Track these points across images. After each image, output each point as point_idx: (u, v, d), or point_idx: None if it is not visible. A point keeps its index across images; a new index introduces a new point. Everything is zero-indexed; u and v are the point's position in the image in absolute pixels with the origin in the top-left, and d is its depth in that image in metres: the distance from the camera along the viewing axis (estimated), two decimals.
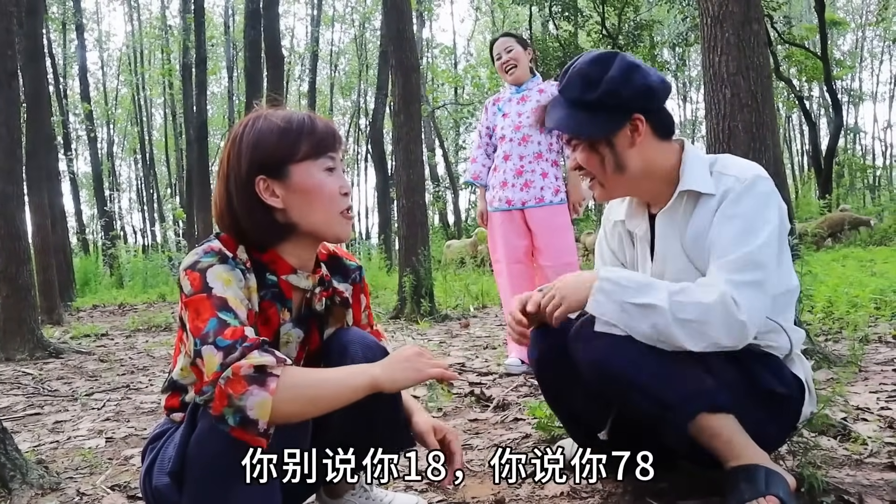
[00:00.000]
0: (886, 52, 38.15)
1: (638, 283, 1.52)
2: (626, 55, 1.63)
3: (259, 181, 1.37)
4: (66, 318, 8.40)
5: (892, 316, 4.44)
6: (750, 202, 1.55)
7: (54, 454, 2.58)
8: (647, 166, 1.65)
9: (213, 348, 1.21)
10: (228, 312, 1.27)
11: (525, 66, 3.85)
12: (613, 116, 1.60)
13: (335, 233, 1.43)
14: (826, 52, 18.31)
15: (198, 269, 1.31)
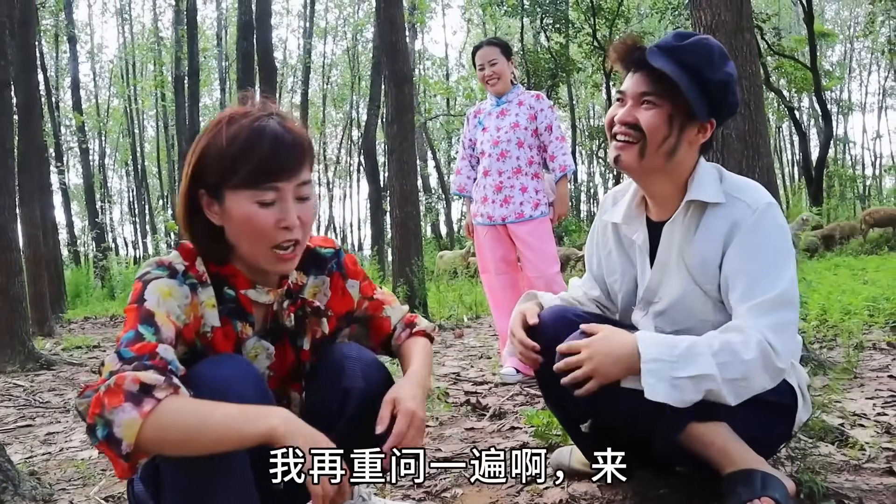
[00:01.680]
0: (874, 63, 38.50)
1: (681, 354, 1.47)
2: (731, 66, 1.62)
3: (201, 195, 1.32)
4: (58, 329, 8.35)
5: (886, 323, 4.45)
6: (769, 235, 1.55)
7: (47, 466, 2.56)
8: (683, 167, 1.64)
9: (116, 357, 1.15)
10: (149, 327, 1.20)
11: (507, 78, 3.81)
12: (708, 107, 1.57)
13: (262, 266, 1.35)
14: (815, 63, 18.46)
15: (143, 279, 1.28)
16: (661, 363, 1.46)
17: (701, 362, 1.45)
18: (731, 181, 1.64)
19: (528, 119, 3.73)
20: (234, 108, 1.34)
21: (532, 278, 3.71)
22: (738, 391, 1.48)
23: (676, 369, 1.45)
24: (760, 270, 1.52)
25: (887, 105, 39.13)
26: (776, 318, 1.48)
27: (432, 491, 2.01)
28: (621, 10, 19.28)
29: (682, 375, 1.45)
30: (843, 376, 3.06)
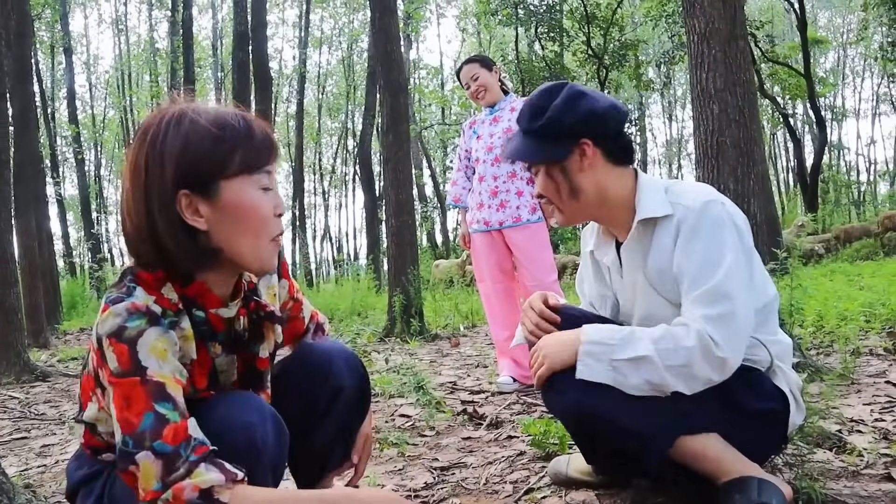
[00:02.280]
0: (867, 69, 38.73)
1: (622, 338, 1.53)
2: (576, 85, 1.67)
3: (182, 197, 1.14)
4: (53, 341, 8.32)
5: (882, 329, 4.46)
6: (704, 231, 1.55)
7: (42, 478, 2.54)
8: (601, 192, 1.66)
9: (152, 456, 1.04)
10: (166, 403, 1.08)
11: (495, 88, 3.83)
12: (560, 142, 1.63)
13: (261, 263, 1.23)
14: (809, 70, 18.56)
15: (125, 338, 1.09)
16: (602, 346, 1.53)
17: (640, 346, 1.50)
18: (674, 190, 1.66)
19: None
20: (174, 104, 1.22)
21: (529, 287, 3.69)
22: (684, 378, 1.49)
23: (616, 351, 1.51)
24: (697, 265, 1.54)
25: (881, 111, 39.35)
26: (712, 310, 1.49)
27: (430, 501, 2.00)
28: (615, 19, 19.40)
29: (620, 358, 1.51)
30: (840, 382, 3.06)
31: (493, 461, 2.34)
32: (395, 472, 2.34)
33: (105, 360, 1.10)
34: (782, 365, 1.65)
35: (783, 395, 1.63)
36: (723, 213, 1.57)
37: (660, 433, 1.52)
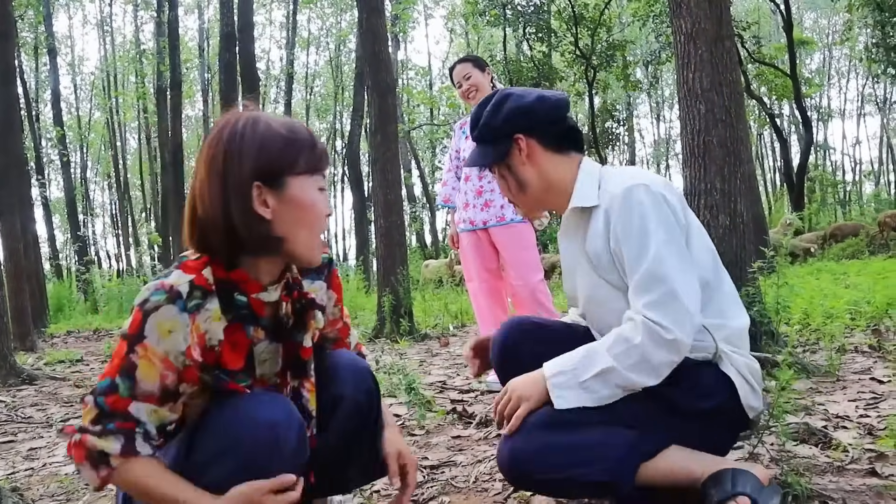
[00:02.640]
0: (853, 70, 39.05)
1: (580, 359, 1.57)
2: (507, 90, 1.80)
3: (255, 188, 1.27)
4: (40, 344, 8.25)
5: (867, 326, 4.50)
6: (627, 217, 1.57)
7: (29, 481, 2.53)
8: (545, 180, 1.75)
9: (93, 403, 1.24)
10: (127, 380, 1.23)
11: (486, 89, 3.83)
12: (498, 144, 1.75)
13: (311, 255, 1.35)
14: (795, 70, 18.69)
15: (144, 307, 1.24)
16: (565, 374, 1.57)
17: (599, 360, 1.54)
18: (606, 178, 1.70)
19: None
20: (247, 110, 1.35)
21: (515, 286, 3.70)
22: (647, 371, 1.52)
23: (580, 375, 1.55)
24: (629, 254, 1.56)
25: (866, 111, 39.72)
26: (651, 296, 1.51)
27: (419, 500, 2.00)
28: (603, 20, 19.45)
29: (586, 378, 1.54)
30: (826, 379, 3.09)
31: (483, 459, 2.35)
32: None
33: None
34: (727, 349, 1.63)
35: (729, 384, 1.62)
36: (644, 195, 1.58)
37: (616, 473, 1.53)
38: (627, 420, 1.56)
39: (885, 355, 3.61)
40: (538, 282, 3.68)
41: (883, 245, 14.08)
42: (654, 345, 1.49)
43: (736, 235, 3.27)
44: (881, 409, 2.53)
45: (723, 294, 1.67)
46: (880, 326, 4.46)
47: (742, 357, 1.65)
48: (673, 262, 1.53)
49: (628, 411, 1.56)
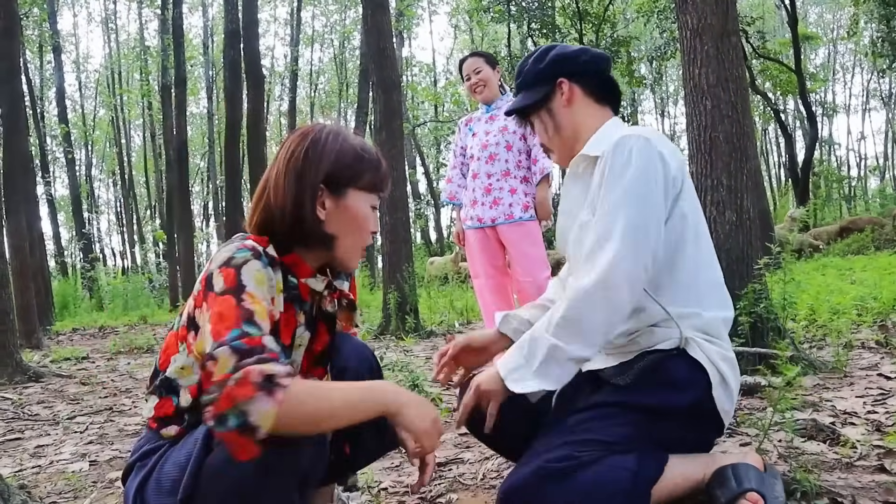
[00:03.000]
0: (858, 65, 38.89)
1: (527, 350, 1.57)
2: (551, 45, 1.87)
3: (321, 189, 1.42)
4: (46, 341, 8.28)
5: (874, 322, 4.48)
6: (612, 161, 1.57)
7: (37, 479, 2.53)
8: (577, 126, 1.78)
9: (229, 350, 1.17)
10: (253, 326, 1.22)
11: (494, 86, 3.89)
12: (539, 87, 1.80)
13: (349, 260, 1.50)
14: (800, 65, 18.60)
15: (232, 264, 1.30)
16: (518, 370, 1.56)
17: (541, 343, 1.54)
18: (620, 132, 1.66)
19: (515, 123, 3.77)
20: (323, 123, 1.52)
21: (522, 283, 3.71)
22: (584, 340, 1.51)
23: (531, 365, 1.55)
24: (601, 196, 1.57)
25: (871, 107, 39.57)
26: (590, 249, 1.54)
27: (427, 497, 2.00)
28: (607, 15, 19.39)
29: (537, 365, 1.54)
30: (833, 375, 3.08)
31: (490, 457, 2.35)
32: (392, 468, 2.34)
33: (212, 288, 1.28)
34: (698, 336, 1.59)
35: (702, 374, 1.56)
36: (635, 144, 1.56)
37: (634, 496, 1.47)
38: (619, 447, 1.50)
39: (893, 351, 3.60)
40: (545, 279, 3.68)
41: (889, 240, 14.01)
42: (586, 311, 1.50)
43: (742, 232, 3.25)
44: (889, 406, 2.52)
45: (705, 282, 1.63)
46: (887, 322, 4.44)
47: (716, 347, 1.60)
48: (629, 214, 1.51)
49: (615, 438, 1.51)
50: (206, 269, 1.34)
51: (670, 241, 1.57)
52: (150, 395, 1.45)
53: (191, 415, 1.40)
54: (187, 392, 1.40)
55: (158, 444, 1.42)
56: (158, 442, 1.43)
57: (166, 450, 1.38)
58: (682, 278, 1.59)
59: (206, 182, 33.89)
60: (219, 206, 28.44)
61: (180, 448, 1.35)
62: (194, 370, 1.38)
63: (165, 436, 1.42)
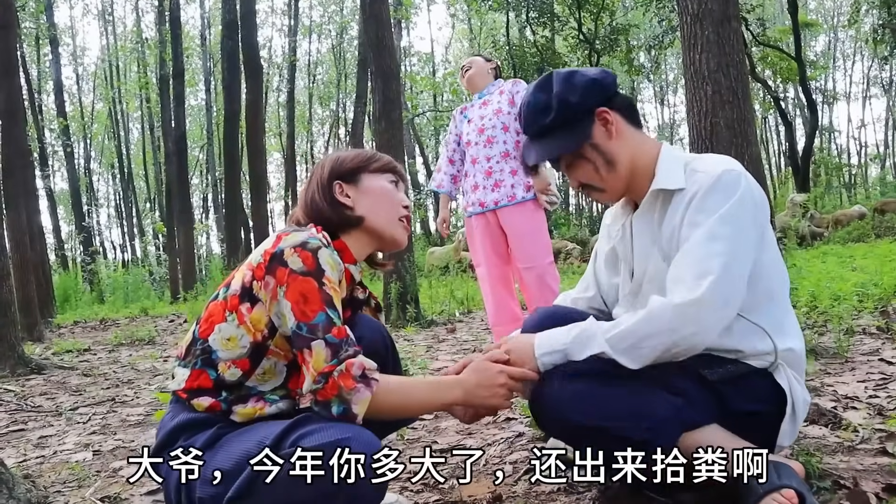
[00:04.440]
0: (858, 52, 38.78)
1: (573, 340, 1.52)
2: (559, 70, 1.67)
3: (337, 185, 1.63)
4: (47, 334, 8.30)
5: (875, 308, 4.49)
6: (712, 194, 1.49)
7: (41, 469, 2.54)
8: (633, 156, 1.64)
9: (324, 343, 1.33)
10: (334, 311, 1.38)
11: (482, 72, 3.94)
12: (579, 123, 1.62)
13: (392, 232, 1.65)
14: (800, 53, 18.55)
15: (308, 248, 1.40)
16: (555, 354, 1.53)
17: (592, 344, 1.49)
18: (696, 161, 1.61)
19: (508, 104, 3.79)
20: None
21: (522, 269, 3.65)
22: (635, 357, 1.46)
23: (570, 355, 1.51)
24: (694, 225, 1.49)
25: (871, 94, 39.47)
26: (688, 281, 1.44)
27: (429, 483, 2.01)
28: (606, 4, 19.34)
29: (577, 360, 1.51)
30: (834, 360, 3.08)
31: (493, 443, 2.35)
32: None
33: (285, 265, 1.38)
34: (789, 369, 1.58)
35: (780, 396, 1.56)
36: (739, 182, 1.50)
37: (660, 431, 1.47)
38: (675, 388, 1.50)
39: (894, 336, 3.61)
40: (548, 264, 3.65)
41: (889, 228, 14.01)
42: (662, 329, 1.43)
43: None
44: (890, 390, 2.52)
45: (787, 313, 1.62)
46: (888, 308, 4.44)
47: (800, 385, 1.60)
48: (729, 257, 1.45)
49: (678, 381, 1.51)
50: (265, 247, 1.44)
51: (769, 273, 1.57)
52: (185, 366, 1.47)
53: (230, 391, 1.43)
54: (230, 365, 1.43)
55: (197, 417, 1.43)
56: (195, 414, 1.43)
57: (215, 433, 1.38)
58: (772, 304, 1.58)
59: (205, 174, 33.87)
60: (218, 197, 28.41)
61: (237, 440, 1.34)
62: (241, 343, 1.43)
63: (198, 406, 1.43)
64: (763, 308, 1.56)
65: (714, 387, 1.54)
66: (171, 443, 1.41)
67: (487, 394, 1.47)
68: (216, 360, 1.43)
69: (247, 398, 1.44)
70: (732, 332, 1.54)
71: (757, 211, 1.52)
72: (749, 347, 1.55)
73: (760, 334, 1.55)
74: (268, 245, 1.44)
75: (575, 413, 1.49)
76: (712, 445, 1.48)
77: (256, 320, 1.42)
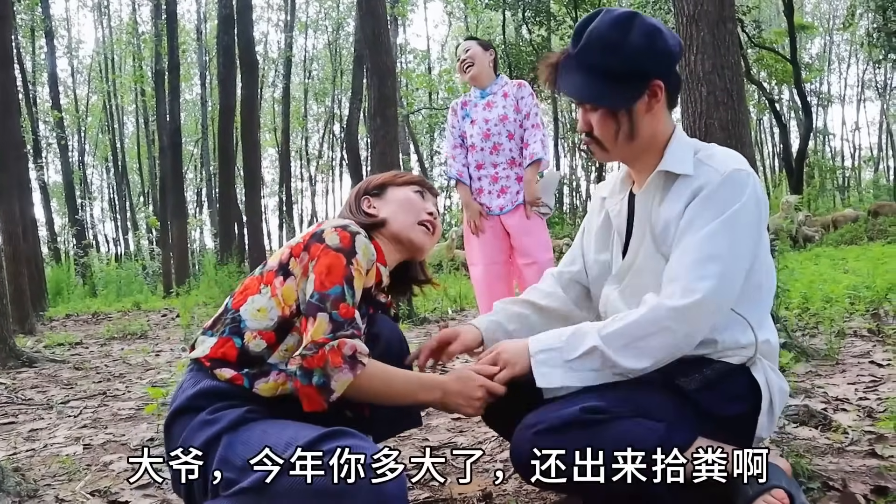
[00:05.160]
0: (853, 55, 38.91)
1: (567, 338, 1.50)
2: (645, 17, 1.53)
3: (365, 199, 1.75)
4: (39, 327, 8.26)
5: (866, 310, 4.51)
6: (723, 194, 1.47)
7: (31, 462, 2.53)
8: (654, 135, 1.58)
9: (328, 317, 1.39)
10: (351, 289, 1.43)
11: (484, 66, 3.84)
12: (635, 84, 1.52)
13: (410, 235, 1.69)
14: (795, 55, 18.62)
15: (349, 230, 1.49)
16: (550, 352, 1.50)
17: (587, 339, 1.47)
18: (707, 151, 1.57)
19: (514, 110, 3.79)
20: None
21: (523, 265, 3.74)
22: (637, 356, 1.45)
23: (565, 354, 1.48)
24: (699, 222, 1.46)
25: (866, 97, 39.61)
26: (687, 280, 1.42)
27: (420, 480, 2.00)
28: (602, 3, 19.32)
29: (572, 357, 1.48)
30: (825, 362, 3.10)
31: (483, 441, 2.36)
32: None
33: (322, 240, 1.46)
34: (765, 360, 1.56)
35: (756, 391, 1.54)
36: (750, 184, 1.48)
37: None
38: (656, 414, 1.48)
39: (885, 339, 3.63)
40: (548, 260, 3.72)
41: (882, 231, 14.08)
42: (657, 330, 1.42)
43: None
44: (880, 392, 2.54)
45: (769, 303, 1.60)
46: (879, 311, 4.47)
47: (776, 376, 1.58)
48: (728, 262, 1.44)
49: (656, 405, 1.49)
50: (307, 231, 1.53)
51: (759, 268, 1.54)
52: (212, 335, 1.51)
53: (251, 366, 1.45)
54: (255, 335, 1.46)
55: (219, 386, 1.43)
56: (217, 382, 1.44)
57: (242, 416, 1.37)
58: (759, 295, 1.56)
59: (200, 168, 33.78)
60: (212, 192, 28.35)
61: (264, 431, 1.32)
62: (269, 315, 1.47)
63: (220, 377, 1.44)
64: (750, 301, 1.54)
65: (691, 396, 1.52)
66: (191, 409, 1.41)
67: (464, 403, 1.51)
68: (244, 329, 1.47)
69: (268, 372, 1.46)
70: (716, 325, 1.51)
71: (760, 214, 1.50)
72: (730, 340, 1.53)
73: (743, 327, 1.53)
74: (310, 229, 1.53)
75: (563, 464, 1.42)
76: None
77: (287, 294, 1.47)
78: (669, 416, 1.49)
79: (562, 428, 1.43)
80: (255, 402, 1.43)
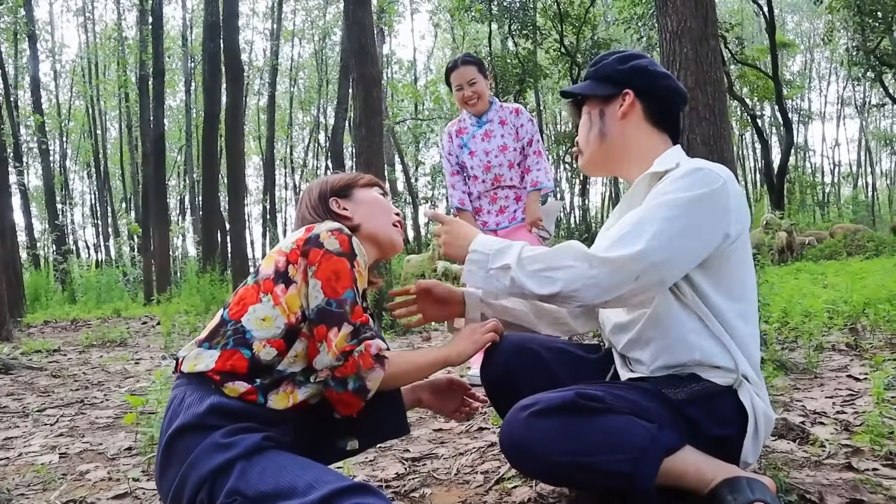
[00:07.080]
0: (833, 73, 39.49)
1: (497, 249, 1.60)
2: (641, 53, 1.80)
3: (333, 200, 1.73)
4: (16, 333, 8.14)
5: (844, 325, 4.56)
6: (678, 181, 1.51)
7: (5, 471, 2.50)
8: (627, 144, 1.72)
9: (348, 323, 1.44)
10: (358, 292, 1.49)
11: (486, 97, 3.77)
12: (605, 85, 1.75)
13: (389, 235, 1.75)
14: (777, 72, 18.86)
15: (344, 233, 1.52)
16: (480, 255, 1.61)
17: (507, 256, 1.57)
18: (698, 161, 1.62)
19: (513, 139, 3.76)
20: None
21: None
22: (543, 281, 1.52)
23: (490, 262, 1.59)
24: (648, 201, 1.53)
25: (845, 114, 40.20)
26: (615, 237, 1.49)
27: (401, 491, 2.00)
28: (588, 18, 19.48)
29: (493, 267, 1.58)
30: (804, 376, 3.13)
31: (465, 452, 2.35)
32: (366, 462, 2.34)
33: (321, 246, 1.47)
34: (751, 388, 1.57)
35: (743, 414, 1.55)
36: (710, 179, 1.51)
37: (642, 462, 1.44)
38: (650, 417, 1.49)
39: (862, 353, 3.66)
40: None
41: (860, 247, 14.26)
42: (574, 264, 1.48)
43: None
44: (857, 406, 2.56)
45: (751, 330, 1.61)
46: (857, 325, 4.52)
47: (762, 401, 1.59)
48: (673, 233, 1.46)
49: (652, 409, 1.50)
50: (296, 236, 1.52)
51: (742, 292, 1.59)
52: (210, 348, 1.45)
53: (263, 376, 1.43)
54: (265, 344, 1.44)
55: (231, 404, 1.39)
56: (228, 400, 1.40)
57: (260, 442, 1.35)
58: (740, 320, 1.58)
59: (183, 176, 33.57)
60: (195, 200, 28.15)
61: (280, 466, 1.31)
62: (276, 323, 1.46)
63: (230, 393, 1.40)
64: (734, 324, 1.56)
65: (680, 409, 1.53)
66: (201, 427, 1.35)
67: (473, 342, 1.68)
68: (251, 339, 1.44)
69: (279, 382, 1.45)
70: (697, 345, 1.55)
71: (722, 216, 1.51)
72: (708, 354, 1.55)
73: (721, 347, 1.55)
74: (299, 234, 1.53)
75: (550, 452, 1.44)
76: (689, 468, 1.49)
77: (291, 302, 1.47)
78: (663, 421, 1.51)
79: (556, 411, 1.45)
80: (269, 425, 1.41)
